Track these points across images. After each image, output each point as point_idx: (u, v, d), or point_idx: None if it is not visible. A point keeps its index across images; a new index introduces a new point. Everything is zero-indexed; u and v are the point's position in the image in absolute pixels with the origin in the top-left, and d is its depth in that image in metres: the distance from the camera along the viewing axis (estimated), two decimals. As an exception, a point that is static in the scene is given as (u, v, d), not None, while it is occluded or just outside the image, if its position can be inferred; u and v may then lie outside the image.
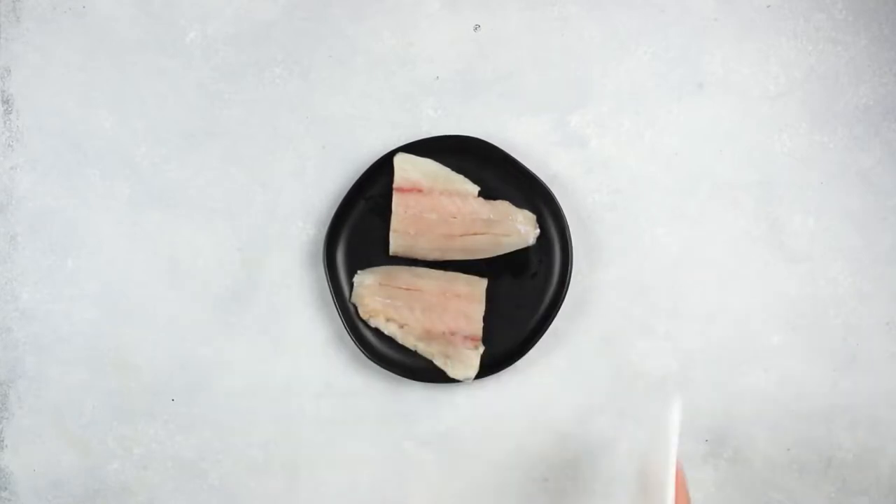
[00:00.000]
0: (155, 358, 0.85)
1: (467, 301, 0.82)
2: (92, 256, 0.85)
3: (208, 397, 0.85)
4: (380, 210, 0.83)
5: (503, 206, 0.82)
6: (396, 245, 0.82)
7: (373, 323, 0.82)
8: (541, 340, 0.82)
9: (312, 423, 0.84)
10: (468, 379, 0.81)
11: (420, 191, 0.82)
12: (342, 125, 0.85)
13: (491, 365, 0.82)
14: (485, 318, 0.82)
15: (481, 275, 0.83)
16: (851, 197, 0.83)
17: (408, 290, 0.82)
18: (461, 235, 0.82)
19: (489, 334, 0.82)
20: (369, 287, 0.82)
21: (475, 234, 0.82)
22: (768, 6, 0.84)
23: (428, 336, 0.82)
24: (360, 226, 0.83)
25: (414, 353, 0.82)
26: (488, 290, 0.82)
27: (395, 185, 0.82)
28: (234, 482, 0.85)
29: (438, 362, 0.82)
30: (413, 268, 0.83)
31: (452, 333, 0.82)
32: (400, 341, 0.82)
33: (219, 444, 0.85)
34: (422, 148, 0.83)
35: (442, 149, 0.83)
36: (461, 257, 0.83)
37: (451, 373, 0.81)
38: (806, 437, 0.83)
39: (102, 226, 0.85)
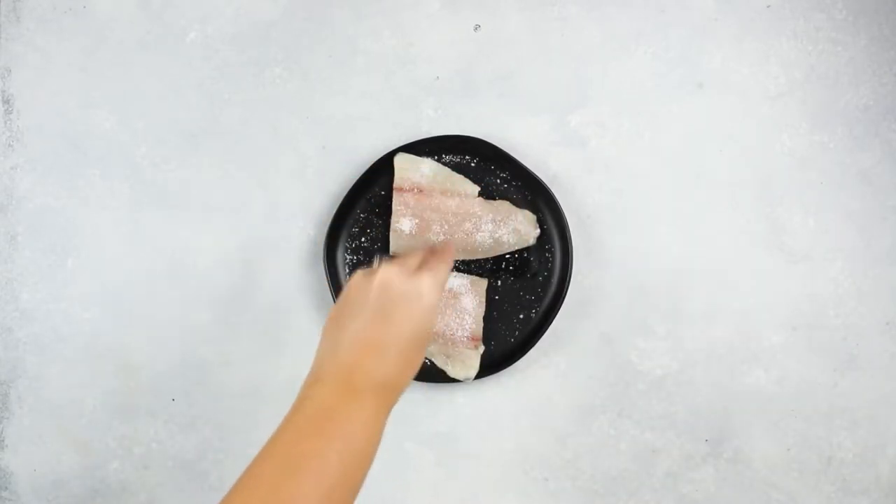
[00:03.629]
0: (155, 358, 0.85)
1: (467, 301, 0.82)
2: (92, 256, 0.85)
3: (208, 397, 0.85)
4: (380, 210, 0.83)
5: (503, 206, 0.82)
6: (396, 245, 0.82)
7: (373, 323, 0.82)
8: (541, 340, 0.82)
9: (312, 423, 0.84)
10: (468, 379, 0.81)
11: (420, 191, 0.82)
12: (342, 125, 0.85)
13: (491, 365, 0.82)
14: (485, 318, 0.82)
15: (481, 275, 0.83)
16: (851, 197, 0.83)
17: (408, 290, 0.82)
18: (461, 235, 0.82)
19: (489, 334, 0.82)
20: (369, 287, 0.82)
21: (475, 234, 0.82)
22: (768, 6, 0.84)
23: (428, 336, 0.82)
24: (360, 226, 0.83)
25: (414, 353, 0.82)
26: (488, 290, 0.82)
27: (395, 185, 0.82)
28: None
29: (438, 362, 0.82)
30: (413, 268, 0.83)
31: (452, 333, 0.82)
32: (400, 341, 0.82)
33: (219, 444, 0.85)
34: (422, 148, 0.83)
35: (442, 149, 0.83)
36: (461, 257, 0.83)
37: (451, 373, 0.81)
38: (806, 437, 0.83)
39: (102, 226, 0.86)
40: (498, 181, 0.83)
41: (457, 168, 0.83)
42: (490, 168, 0.83)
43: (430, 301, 0.62)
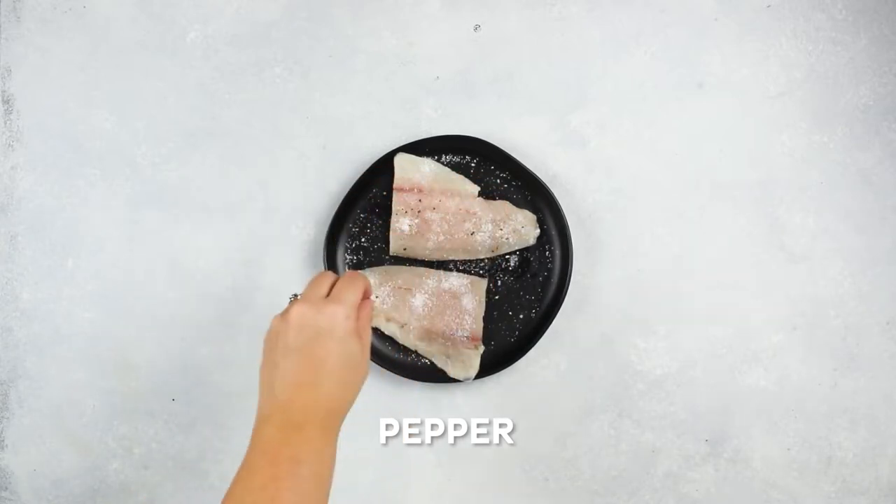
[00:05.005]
0: (155, 358, 0.85)
1: (467, 301, 0.82)
2: (92, 256, 0.85)
3: (208, 397, 0.85)
4: (380, 210, 0.83)
5: (503, 206, 0.82)
6: (396, 245, 0.82)
7: (373, 323, 0.82)
8: (541, 340, 0.82)
9: (312, 423, 0.84)
10: (468, 379, 0.81)
11: (420, 191, 0.82)
12: (342, 125, 0.85)
13: (491, 365, 0.82)
14: (485, 318, 0.82)
15: (481, 275, 0.83)
16: (851, 197, 0.83)
17: (408, 289, 0.82)
18: (461, 235, 0.82)
19: (489, 334, 0.82)
20: (369, 287, 0.82)
21: (475, 234, 0.82)
22: (768, 6, 0.84)
23: (428, 336, 0.82)
24: (360, 226, 0.83)
25: (414, 353, 0.82)
26: (488, 290, 0.82)
27: (395, 185, 0.82)
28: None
29: (438, 362, 0.82)
30: (413, 268, 0.83)
31: (452, 333, 0.82)
32: (400, 341, 0.82)
33: (219, 444, 0.85)
34: (422, 148, 0.83)
35: (442, 149, 0.83)
36: (461, 257, 0.83)
37: (451, 373, 0.81)
38: (806, 437, 0.83)
39: (102, 226, 0.86)
40: (498, 181, 0.83)
41: (457, 168, 0.83)
42: (490, 168, 0.83)
43: (344, 329, 0.63)
